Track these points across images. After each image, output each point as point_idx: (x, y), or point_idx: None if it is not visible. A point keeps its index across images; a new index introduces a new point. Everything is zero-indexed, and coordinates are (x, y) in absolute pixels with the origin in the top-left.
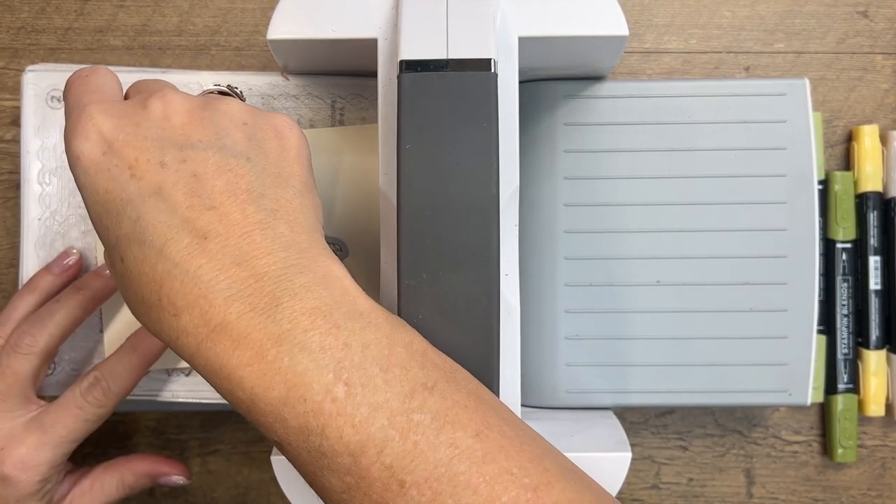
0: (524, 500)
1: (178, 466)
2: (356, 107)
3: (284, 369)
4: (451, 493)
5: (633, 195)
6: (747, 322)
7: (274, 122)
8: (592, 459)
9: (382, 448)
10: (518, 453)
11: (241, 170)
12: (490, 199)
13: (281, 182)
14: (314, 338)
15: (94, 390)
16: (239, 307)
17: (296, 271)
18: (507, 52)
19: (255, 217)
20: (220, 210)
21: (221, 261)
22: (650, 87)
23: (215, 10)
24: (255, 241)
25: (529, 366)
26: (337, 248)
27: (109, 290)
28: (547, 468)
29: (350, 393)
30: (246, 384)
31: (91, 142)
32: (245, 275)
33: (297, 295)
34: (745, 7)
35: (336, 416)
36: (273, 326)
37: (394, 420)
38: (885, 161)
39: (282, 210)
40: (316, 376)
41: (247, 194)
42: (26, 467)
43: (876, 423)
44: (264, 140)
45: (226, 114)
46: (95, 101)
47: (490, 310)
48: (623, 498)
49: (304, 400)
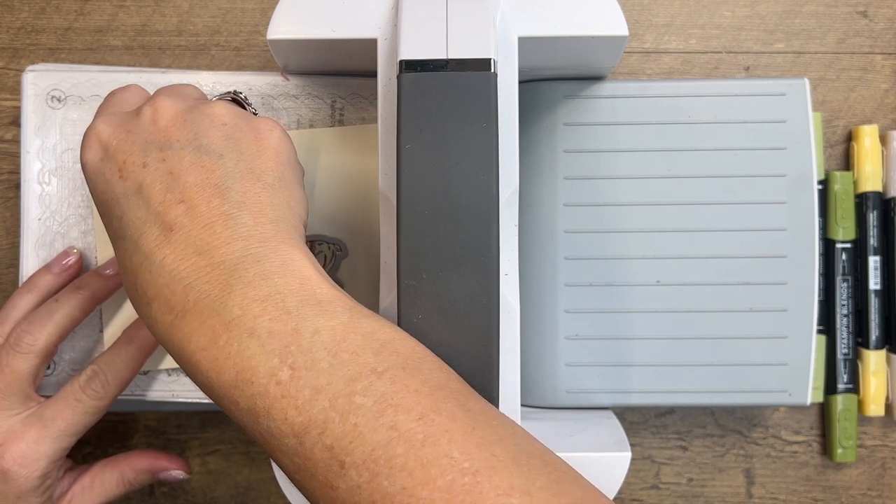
0: (460, 483)
1: (176, 461)
2: (356, 107)
3: (234, 354)
4: (388, 474)
5: (633, 195)
6: (747, 322)
7: (255, 125)
8: (592, 459)
9: (324, 429)
10: (465, 438)
11: (212, 165)
12: (490, 199)
13: (252, 177)
14: (263, 324)
15: (92, 383)
16: (196, 294)
17: (252, 260)
18: (507, 52)
19: (219, 209)
20: (188, 203)
21: (184, 251)
22: (650, 87)
23: (215, 10)
24: (216, 231)
25: (529, 366)
26: (337, 248)
27: (109, 289)
28: (495, 454)
29: (294, 376)
30: (202, 367)
31: (93, 150)
32: (204, 263)
33: (251, 283)
34: (745, 7)
35: (280, 398)
36: (225, 313)
37: (335, 402)
38: (884, 161)
39: (248, 202)
40: (262, 360)
41: (215, 188)
42: (26, 462)
43: (876, 423)
44: (241, 139)
45: (207, 115)
46: (106, 113)
47: (490, 310)
48: (623, 498)
49: (251, 383)
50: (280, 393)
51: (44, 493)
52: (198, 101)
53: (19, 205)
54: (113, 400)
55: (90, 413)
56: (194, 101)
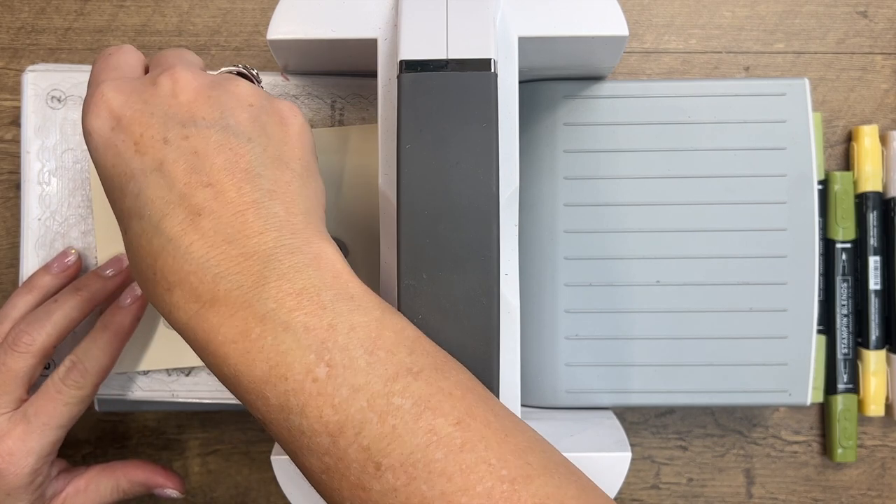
0: (499, 491)
1: (174, 480)
2: (356, 107)
3: (267, 348)
4: (426, 478)
5: (633, 195)
6: (747, 322)
7: (279, 107)
8: (592, 459)
9: (360, 430)
10: (500, 445)
11: (241, 149)
12: (490, 199)
13: (281, 164)
14: (299, 318)
15: (71, 373)
16: (227, 285)
17: (286, 251)
18: (507, 52)
19: (250, 196)
20: (216, 188)
21: (213, 238)
22: (650, 87)
23: (215, 10)
24: (248, 220)
25: (529, 366)
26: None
27: (108, 291)
28: (529, 462)
29: (331, 374)
30: (231, 360)
31: (101, 118)
32: (235, 253)
33: (286, 275)
34: (744, 7)
35: (316, 395)
36: (259, 305)
37: (373, 402)
38: (884, 161)
39: (279, 191)
40: (298, 356)
41: (244, 173)
42: (14, 459)
43: (876, 423)
44: (268, 123)
45: (233, 94)
46: (111, 77)
47: (490, 310)
48: (623, 498)
49: (285, 379)
50: (316, 390)
51: (35, 491)
52: (219, 75)
53: (19, 205)
54: (94, 389)
55: (72, 403)
56: (214, 75)
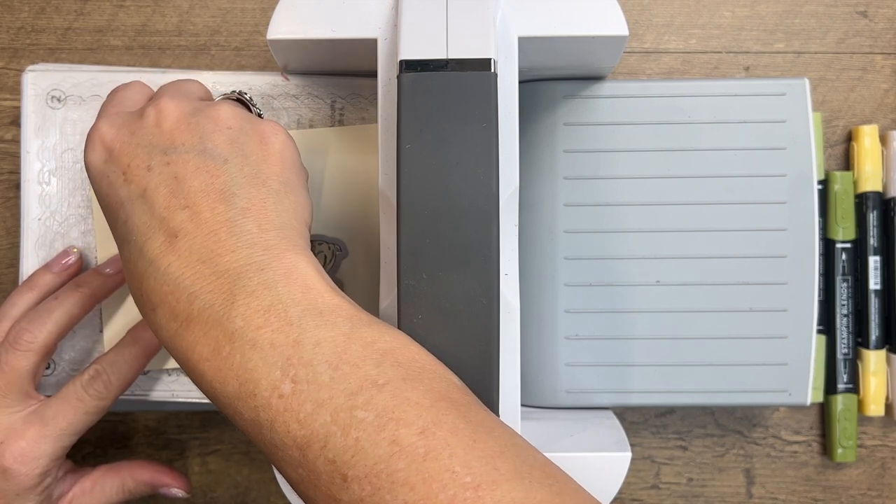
0: (461, 498)
1: (179, 480)
2: (356, 107)
3: (237, 366)
4: (390, 489)
5: (633, 195)
6: (747, 322)
7: (260, 128)
8: (592, 459)
9: (325, 443)
10: (466, 452)
11: (217, 171)
12: (490, 199)
13: (257, 182)
14: (265, 335)
15: (95, 383)
16: (200, 304)
17: (257, 268)
18: (507, 52)
19: (224, 215)
20: (192, 209)
21: (188, 258)
22: (650, 87)
23: (215, 10)
24: (221, 238)
25: (529, 366)
26: (337, 248)
27: (109, 288)
28: (497, 467)
29: (296, 389)
30: (206, 377)
31: (96, 151)
32: (208, 272)
33: (255, 293)
34: (744, 7)
35: (283, 411)
36: (228, 323)
37: (337, 416)
38: (884, 161)
39: (253, 209)
40: (264, 373)
41: (219, 194)
42: (26, 460)
43: (876, 423)
44: (246, 143)
45: (212, 119)
46: (109, 112)
47: (490, 310)
48: (623, 498)
49: (254, 395)
50: (283, 406)
51: (43, 492)
52: (202, 102)
53: (19, 205)
54: (114, 400)
55: (91, 413)
56: (198, 102)
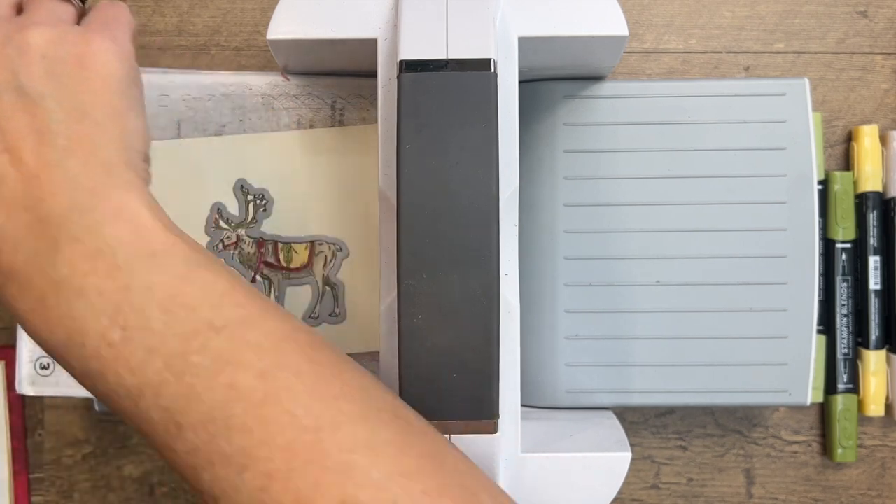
0: (301, 441)
1: None
2: (356, 107)
3: (63, 316)
4: (226, 434)
5: (633, 195)
6: (747, 322)
7: (79, 52)
8: (592, 459)
9: (158, 391)
10: (308, 394)
11: (34, 109)
12: (490, 199)
13: (79, 115)
14: (92, 282)
15: None
16: (24, 253)
17: (81, 212)
18: (507, 52)
19: (46, 157)
20: (12, 153)
21: (12, 205)
22: (650, 87)
23: (215, 10)
24: (43, 182)
25: (529, 366)
26: (337, 248)
27: None
28: (341, 409)
29: (126, 337)
30: (36, 331)
31: None
32: (31, 218)
33: (80, 238)
34: (744, 7)
35: (112, 360)
36: (53, 272)
37: (170, 363)
38: (884, 161)
39: (76, 146)
40: (92, 322)
41: (38, 134)
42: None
43: (876, 423)
44: (64, 73)
45: (24, 49)
46: None
47: (490, 310)
48: (623, 498)
49: (82, 346)
50: (112, 355)
51: None
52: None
53: None
54: None
55: None
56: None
